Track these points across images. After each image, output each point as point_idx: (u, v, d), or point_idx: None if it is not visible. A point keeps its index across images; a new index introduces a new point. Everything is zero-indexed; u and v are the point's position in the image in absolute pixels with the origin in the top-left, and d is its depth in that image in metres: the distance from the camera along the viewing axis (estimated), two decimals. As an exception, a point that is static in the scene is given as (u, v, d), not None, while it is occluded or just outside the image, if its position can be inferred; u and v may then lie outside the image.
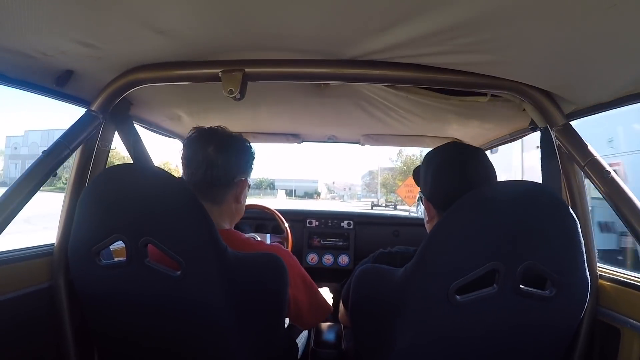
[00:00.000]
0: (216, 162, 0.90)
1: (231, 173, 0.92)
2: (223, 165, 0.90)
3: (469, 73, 0.81)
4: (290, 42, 0.76)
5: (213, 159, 0.90)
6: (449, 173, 0.85)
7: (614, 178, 0.77)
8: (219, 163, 0.90)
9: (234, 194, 0.95)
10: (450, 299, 0.66)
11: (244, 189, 0.97)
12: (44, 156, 0.81)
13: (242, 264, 0.76)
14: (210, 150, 0.90)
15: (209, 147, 0.90)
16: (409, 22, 0.62)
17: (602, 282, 0.86)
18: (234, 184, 0.94)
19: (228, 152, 0.91)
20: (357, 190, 72.87)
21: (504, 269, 0.66)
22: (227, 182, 0.92)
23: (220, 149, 0.91)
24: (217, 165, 0.90)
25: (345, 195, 60.17)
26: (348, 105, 1.27)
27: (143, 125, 1.39)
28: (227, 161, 0.91)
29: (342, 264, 2.02)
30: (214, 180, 0.90)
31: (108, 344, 0.84)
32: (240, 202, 0.98)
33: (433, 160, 0.89)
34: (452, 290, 0.66)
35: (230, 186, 0.94)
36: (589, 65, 0.71)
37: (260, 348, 0.81)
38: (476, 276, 0.66)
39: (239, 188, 0.96)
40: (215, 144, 0.91)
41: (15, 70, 0.82)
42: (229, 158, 0.91)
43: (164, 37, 0.72)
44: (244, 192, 0.98)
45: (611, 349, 0.82)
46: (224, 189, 0.93)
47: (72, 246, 0.79)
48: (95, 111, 0.91)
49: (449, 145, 0.92)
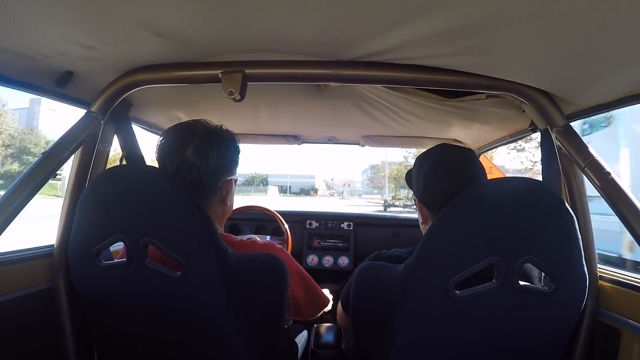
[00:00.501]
0: (195, 165, 0.80)
1: (214, 176, 0.83)
2: (204, 168, 0.81)
3: (469, 74, 0.81)
4: (290, 44, 0.76)
5: (192, 162, 0.80)
6: (440, 174, 0.87)
7: (614, 179, 0.77)
8: (200, 167, 0.80)
9: (219, 198, 0.87)
10: (450, 294, 0.67)
11: (230, 189, 0.89)
12: (44, 157, 0.81)
13: (243, 264, 0.76)
14: (189, 153, 0.80)
15: (187, 149, 0.81)
16: (409, 24, 0.62)
17: (603, 283, 0.86)
18: (217, 187, 0.85)
19: (210, 153, 0.81)
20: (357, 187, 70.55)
21: (503, 264, 0.67)
22: (211, 187, 0.84)
23: (200, 150, 0.81)
24: (197, 169, 0.80)
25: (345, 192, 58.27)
26: (348, 107, 1.27)
27: (143, 127, 1.39)
28: (208, 163, 0.81)
29: (342, 265, 2.01)
30: (195, 185, 0.81)
31: (108, 345, 0.84)
32: (227, 204, 0.90)
33: (424, 163, 0.91)
34: (451, 285, 0.67)
35: (214, 190, 0.85)
36: (589, 66, 0.71)
37: (261, 348, 0.81)
38: (475, 271, 0.67)
39: (225, 190, 0.88)
40: (194, 144, 0.81)
41: (15, 71, 0.82)
42: (210, 159, 0.81)
43: (163, 38, 0.72)
44: (231, 192, 0.90)
45: (611, 350, 0.82)
46: (207, 194, 0.84)
47: (72, 247, 0.79)
48: (95, 112, 0.91)
49: (439, 147, 0.94)
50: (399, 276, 0.73)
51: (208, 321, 0.74)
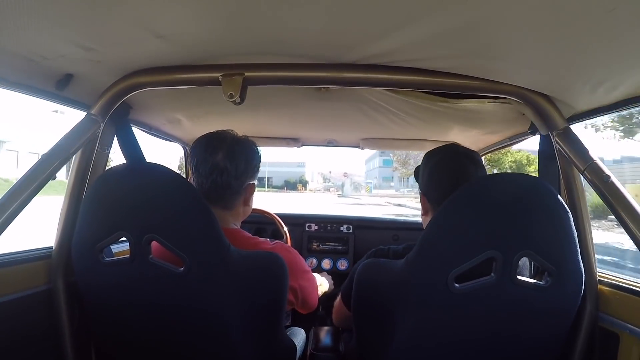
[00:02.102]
0: (226, 169, 0.90)
1: (241, 179, 0.93)
2: (233, 172, 0.91)
3: (469, 77, 0.81)
4: (291, 46, 0.76)
5: (223, 166, 0.90)
6: (444, 170, 0.92)
7: (614, 183, 0.77)
8: (230, 171, 0.90)
9: (243, 199, 0.97)
10: (449, 287, 0.68)
11: (252, 192, 1.00)
12: (44, 159, 0.81)
13: (245, 261, 0.77)
14: (220, 158, 0.90)
15: (217, 154, 0.90)
16: (409, 26, 0.62)
17: (602, 287, 0.86)
18: (243, 189, 0.96)
19: (238, 158, 0.92)
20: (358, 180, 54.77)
21: (501, 257, 0.68)
22: (237, 189, 0.94)
23: (230, 156, 0.91)
24: (227, 173, 0.90)
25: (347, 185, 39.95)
26: (348, 109, 1.27)
27: (143, 129, 1.39)
28: (237, 168, 0.91)
29: (341, 268, 2.01)
30: (225, 187, 0.91)
31: (107, 345, 0.84)
32: (248, 205, 1.01)
33: (431, 159, 0.96)
34: (451, 278, 0.68)
35: (240, 192, 0.95)
36: (589, 69, 0.71)
37: (261, 346, 0.81)
38: (474, 264, 0.68)
39: (248, 192, 0.98)
40: (224, 150, 0.91)
41: (15, 73, 0.82)
42: (238, 165, 0.92)
43: (164, 40, 0.72)
44: (252, 195, 1.01)
45: (610, 354, 0.81)
46: (234, 195, 0.94)
47: (76, 245, 0.79)
48: (95, 115, 0.91)
49: (446, 146, 0.99)
50: (400, 270, 0.75)
51: (210, 317, 0.75)
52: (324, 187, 53.25)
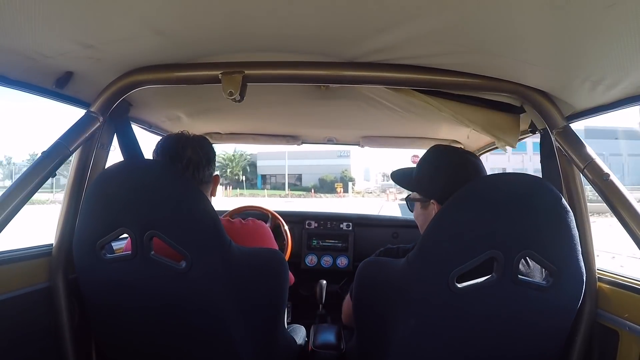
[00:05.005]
0: (198, 162, 0.96)
1: (209, 171, 1.00)
2: (204, 164, 0.97)
3: (469, 74, 0.81)
4: (290, 44, 0.76)
5: (195, 159, 0.96)
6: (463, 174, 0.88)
7: (613, 181, 0.77)
8: (202, 163, 0.97)
9: (211, 190, 1.05)
10: (451, 287, 0.68)
11: (217, 182, 1.07)
12: (43, 157, 0.81)
13: (246, 257, 0.78)
14: (190, 152, 0.95)
15: (187, 150, 0.96)
16: (409, 23, 0.62)
17: (601, 284, 0.86)
18: (211, 180, 1.03)
19: (203, 151, 0.98)
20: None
21: (502, 257, 0.68)
22: (208, 180, 1.01)
23: (197, 149, 0.97)
24: (200, 165, 0.96)
25: None
26: (348, 107, 1.27)
27: (142, 127, 1.39)
28: (206, 160, 0.98)
29: (341, 265, 2.01)
30: (200, 179, 0.97)
31: (107, 343, 0.84)
32: (214, 195, 1.09)
33: (441, 163, 0.93)
34: (452, 277, 0.68)
35: (209, 183, 1.02)
36: (589, 67, 0.71)
37: (262, 342, 0.82)
38: (475, 264, 0.68)
39: (215, 182, 1.05)
40: (191, 146, 0.97)
41: (15, 71, 0.82)
42: (205, 157, 0.98)
43: (163, 38, 0.72)
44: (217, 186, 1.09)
45: (610, 352, 0.82)
46: (206, 185, 1.01)
47: (77, 242, 0.80)
48: (95, 112, 0.91)
49: (451, 148, 0.98)
50: (402, 269, 0.75)
51: (211, 313, 0.75)
52: (380, 188, 36.61)
